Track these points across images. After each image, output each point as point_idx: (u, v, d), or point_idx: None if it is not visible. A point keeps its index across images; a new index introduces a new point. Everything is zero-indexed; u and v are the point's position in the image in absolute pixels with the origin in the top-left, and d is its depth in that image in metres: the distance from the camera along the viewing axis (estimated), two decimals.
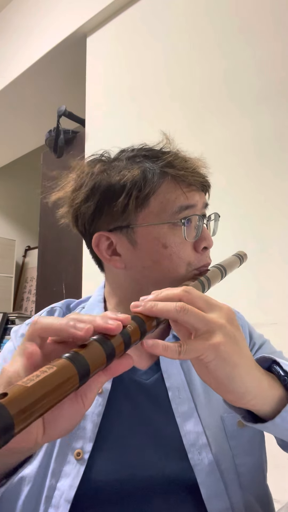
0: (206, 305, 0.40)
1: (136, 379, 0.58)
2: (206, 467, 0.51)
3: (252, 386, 0.40)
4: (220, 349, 0.38)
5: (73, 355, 0.31)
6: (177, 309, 0.38)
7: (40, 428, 0.34)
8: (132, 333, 0.36)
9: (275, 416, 0.42)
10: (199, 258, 0.57)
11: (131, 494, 0.50)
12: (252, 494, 0.54)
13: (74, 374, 0.30)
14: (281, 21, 1.28)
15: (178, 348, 0.36)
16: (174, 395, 0.56)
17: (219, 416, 0.56)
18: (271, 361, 0.48)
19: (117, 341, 0.34)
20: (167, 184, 0.56)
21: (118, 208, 0.56)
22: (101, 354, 0.33)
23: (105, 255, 0.59)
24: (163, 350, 0.36)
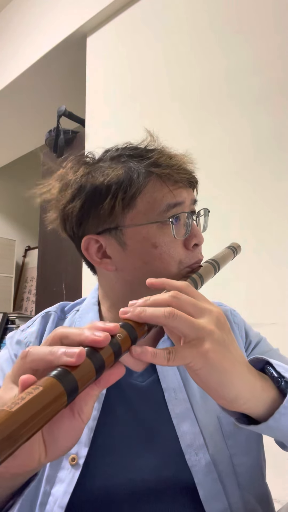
0: (196, 310, 0.40)
1: (132, 382, 0.57)
2: (203, 467, 0.51)
3: (244, 391, 0.40)
4: (208, 356, 0.37)
5: (60, 372, 0.30)
6: (165, 315, 0.37)
7: (42, 450, 0.34)
8: (123, 342, 0.36)
9: (268, 418, 0.41)
10: (191, 256, 0.56)
11: (127, 498, 0.50)
12: (251, 493, 0.54)
13: (61, 393, 0.29)
14: (281, 21, 1.28)
15: (167, 355, 0.36)
16: (170, 396, 0.55)
17: (216, 416, 0.55)
18: (264, 362, 0.47)
19: (106, 353, 0.34)
20: (153, 183, 0.55)
21: (105, 210, 0.55)
22: (90, 368, 0.32)
23: (95, 258, 0.58)
24: (151, 357, 0.36)
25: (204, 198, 0.66)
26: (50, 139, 2.06)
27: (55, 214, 0.61)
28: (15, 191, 3.90)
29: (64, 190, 0.58)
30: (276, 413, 0.41)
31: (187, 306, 0.39)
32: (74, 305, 0.69)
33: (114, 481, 0.50)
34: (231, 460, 0.54)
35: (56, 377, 0.30)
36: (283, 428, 0.42)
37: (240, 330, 0.66)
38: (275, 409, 0.42)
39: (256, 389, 0.41)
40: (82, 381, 0.31)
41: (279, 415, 0.41)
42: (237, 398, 0.39)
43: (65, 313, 0.67)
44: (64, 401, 0.30)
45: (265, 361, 0.47)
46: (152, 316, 0.38)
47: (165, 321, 0.37)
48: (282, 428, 0.42)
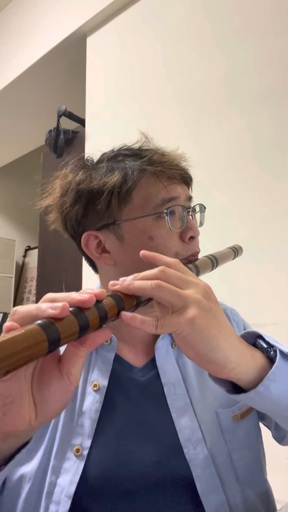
0: (182, 282, 0.41)
1: (132, 377, 0.58)
2: (201, 462, 0.52)
3: (232, 355, 0.41)
4: (195, 322, 0.38)
5: (45, 322, 0.32)
6: (152, 286, 0.39)
7: (32, 410, 0.35)
8: (109, 309, 0.37)
9: (257, 385, 0.42)
10: (187, 248, 0.58)
11: (129, 489, 0.51)
12: (250, 488, 0.55)
13: (43, 339, 0.30)
14: (280, 21, 1.28)
15: (156, 322, 0.38)
16: (170, 391, 0.56)
17: (214, 411, 0.56)
18: (256, 336, 0.48)
19: (92, 314, 0.35)
20: (148, 179, 0.57)
21: (102, 206, 0.57)
22: (74, 323, 0.33)
23: (95, 253, 0.60)
24: (140, 323, 0.37)
25: (204, 198, 0.66)
26: (50, 139, 2.06)
27: (56, 215, 0.63)
28: (15, 191, 3.91)
29: (65, 195, 0.61)
30: (265, 380, 0.41)
31: (173, 279, 0.41)
32: None
33: (115, 473, 0.51)
34: (229, 455, 0.54)
35: (40, 325, 0.31)
36: (272, 396, 0.42)
37: (239, 327, 0.67)
38: (264, 376, 0.42)
39: (245, 356, 0.42)
40: (65, 334, 0.32)
41: (268, 381, 0.41)
42: (225, 363, 0.40)
43: None
44: (44, 348, 0.30)
45: (256, 335, 0.48)
46: (140, 288, 0.39)
47: (152, 292, 0.39)
48: (271, 396, 0.42)
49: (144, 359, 0.61)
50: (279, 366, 0.42)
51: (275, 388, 0.42)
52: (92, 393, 0.56)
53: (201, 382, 0.58)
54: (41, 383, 0.36)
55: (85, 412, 0.55)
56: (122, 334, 0.61)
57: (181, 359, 0.60)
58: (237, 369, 0.41)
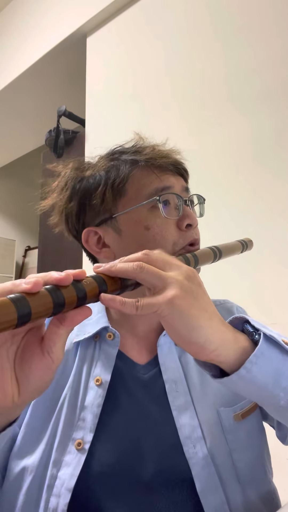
0: (165, 265, 0.41)
1: (135, 374, 0.58)
2: (200, 460, 0.51)
3: (213, 335, 0.40)
4: (174, 302, 0.38)
5: (17, 296, 0.32)
6: (134, 267, 0.39)
7: (15, 387, 0.36)
8: (89, 289, 0.37)
9: (240, 368, 0.41)
10: (185, 236, 0.58)
11: (129, 484, 0.51)
12: (252, 489, 0.54)
13: (11, 311, 0.31)
14: (281, 21, 1.28)
15: (136, 303, 0.38)
16: (171, 388, 0.56)
17: (216, 410, 0.56)
18: (243, 321, 0.47)
19: (68, 292, 0.35)
20: (140, 170, 0.58)
21: (97, 201, 0.58)
22: (48, 300, 0.33)
23: (95, 249, 0.61)
24: (120, 305, 0.37)
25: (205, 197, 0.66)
26: (50, 139, 2.06)
27: (58, 217, 0.65)
28: (15, 191, 3.90)
29: (60, 193, 0.63)
30: (247, 362, 0.41)
31: (157, 261, 0.41)
32: None
33: (115, 468, 0.51)
34: (230, 454, 0.54)
35: (11, 298, 0.31)
36: (255, 380, 0.41)
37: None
38: (247, 359, 0.41)
39: (227, 337, 0.41)
40: (36, 309, 0.32)
41: (250, 364, 0.41)
42: (205, 343, 0.40)
43: None
44: (13, 320, 0.31)
45: (244, 320, 0.47)
46: (122, 269, 0.39)
47: (133, 274, 0.39)
48: (254, 379, 0.41)
49: (147, 356, 0.61)
50: (262, 349, 0.41)
51: (258, 371, 0.41)
52: (94, 387, 0.56)
53: (203, 380, 0.58)
54: (24, 360, 0.37)
55: (87, 407, 0.55)
56: (125, 330, 0.61)
57: (183, 357, 0.60)
58: (218, 350, 0.40)
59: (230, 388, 0.44)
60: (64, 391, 0.57)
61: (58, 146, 1.98)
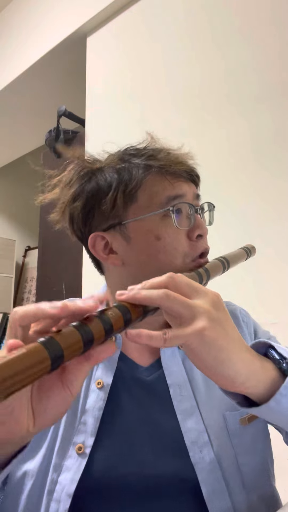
0: (191, 291, 0.40)
1: (137, 376, 0.58)
2: (207, 465, 0.51)
3: (243, 368, 0.39)
4: (204, 334, 0.37)
5: (47, 339, 0.31)
6: (160, 295, 0.37)
7: (31, 418, 0.35)
8: (115, 321, 0.36)
9: (269, 399, 0.41)
10: (195, 247, 0.56)
11: (131, 490, 0.50)
12: (256, 494, 0.54)
13: (44, 357, 0.30)
14: (281, 21, 1.28)
15: (163, 336, 0.36)
16: (175, 393, 0.55)
17: (221, 414, 0.55)
18: (267, 346, 0.47)
19: (96, 327, 0.34)
20: (153, 177, 0.56)
21: (107, 206, 0.56)
22: (77, 338, 0.32)
23: (102, 254, 0.59)
24: (147, 339, 0.36)
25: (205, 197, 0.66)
26: (50, 139, 2.06)
27: (59, 215, 0.62)
28: (15, 191, 3.90)
29: (66, 190, 0.59)
30: (277, 394, 0.40)
31: (183, 287, 0.40)
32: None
33: (117, 472, 0.50)
34: (236, 459, 0.53)
35: (42, 342, 0.30)
36: (283, 410, 0.41)
37: (249, 328, 0.66)
38: (275, 390, 0.41)
39: (255, 368, 0.41)
40: (68, 350, 0.31)
41: (280, 396, 0.40)
42: (235, 376, 0.39)
43: None
44: (47, 366, 0.30)
45: (268, 345, 0.47)
46: (147, 297, 0.38)
47: (160, 302, 0.37)
48: (283, 410, 0.41)
49: (150, 359, 0.60)
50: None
51: (287, 402, 0.41)
52: (96, 390, 0.55)
53: (208, 384, 0.57)
54: (41, 391, 0.36)
55: (89, 410, 0.54)
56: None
57: (187, 360, 0.59)
58: (247, 383, 0.40)
59: (256, 415, 0.44)
60: None
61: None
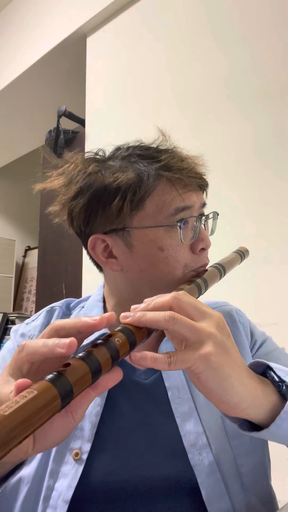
0: (197, 313, 0.40)
1: (135, 379, 0.57)
2: (206, 467, 0.51)
3: (246, 395, 0.39)
4: (210, 360, 0.37)
5: (55, 376, 0.30)
6: (166, 318, 0.37)
7: (31, 443, 0.35)
8: (121, 346, 0.36)
9: (270, 424, 0.41)
10: (196, 260, 0.56)
11: (129, 495, 0.50)
12: (255, 495, 0.54)
13: (55, 396, 0.29)
14: (281, 21, 1.28)
15: (168, 359, 0.36)
16: (174, 395, 0.55)
17: (220, 416, 0.55)
18: (265, 366, 0.47)
19: (103, 357, 0.34)
20: (163, 186, 0.55)
21: (113, 211, 0.55)
22: (86, 371, 0.32)
23: (101, 258, 0.58)
24: (151, 362, 0.36)
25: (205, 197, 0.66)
26: (50, 139, 2.06)
27: (59, 208, 0.61)
28: (15, 191, 3.90)
29: (68, 185, 0.58)
30: (278, 419, 0.41)
31: (188, 308, 0.39)
32: (79, 302, 0.69)
33: (116, 477, 0.50)
34: (235, 460, 0.53)
35: (51, 380, 0.30)
36: (285, 433, 0.42)
37: (245, 329, 0.66)
38: (276, 414, 0.41)
39: (257, 394, 0.41)
40: (77, 385, 0.31)
41: (281, 420, 0.41)
42: (238, 403, 0.39)
43: (70, 309, 0.67)
44: (58, 404, 0.30)
45: (266, 365, 0.47)
46: (153, 320, 0.38)
47: (165, 325, 0.37)
48: (284, 433, 0.42)
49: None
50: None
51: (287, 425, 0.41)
52: None
53: None
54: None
55: (86, 416, 0.54)
56: None
57: None
58: (249, 408, 0.40)
59: (257, 437, 0.44)
60: None
61: (58, 146, 1.98)
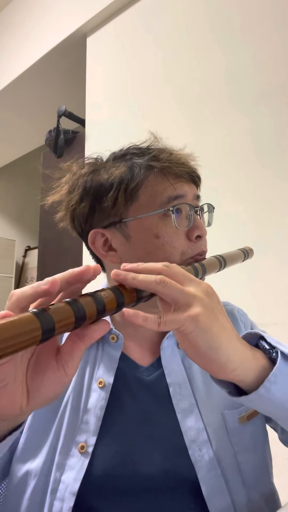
0: (185, 279, 0.41)
1: (137, 376, 0.58)
2: (206, 463, 0.51)
3: (234, 355, 0.40)
4: (198, 320, 0.38)
5: (40, 310, 0.31)
6: (156, 281, 0.38)
7: (25, 396, 0.35)
8: (108, 302, 0.36)
9: (259, 387, 0.41)
10: (193, 247, 0.58)
11: (133, 488, 0.51)
12: (257, 491, 0.54)
13: (36, 327, 0.30)
14: (281, 21, 1.28)
15: (158, 319, 0.37)
16: (175, 392, 0.56)
17: (220, 413, 0.56)
18: (258, 337, 0.48)
19: (88, 305, 0.35)
20: (155, 177, 0.57)
21: (108, 204, 0.57)
22: (70, 313, 0.33)
23: (101, 251, 0.60)
24: (143, 320, 0.37)
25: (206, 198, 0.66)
26: (50, 139, 2.06)
27: (64, 213, 0.63)
28: (15, 191, 3.90)
29: (72, 192, 0.60)
30: (266, 381, 0.41)
31: (177, 275, 0.41)
32: None
33: (119, 471, 0.51)
34: (235, 457, 0.54)
35: (34, 313, 0.31)
36: (273, 398, 0.42)
37: (247, 328, 0.67)
38: (265, 378, 0.42)
39: (246, 356, 0.42)
40: (60, 324, 0.32)
41: (269, 383, 0.41)
42: (227, 363, 0.40)
43: None
44: (38, 336, 0.30)
45: (259, 336, 0.48)
46: (144, 282, 0.39)
47: (156, 287, 0.38)
48: (273, 398, 0.42)
49: (150, 358, 0.60)
50: (280, 368, 0.42)
51: (277, 390, 0.41)
52: (97, 390, 0.56)
53: (207, 383, 0.58)
54: (37, 371, 0.36)
55: (90, 409, 0.54)
56: (128, 332, 0.61)
57: (186, 359, 0.59)
58: (238, 370, 0.41)
59: (247, 405, 0.45)
60: (67, 393, 0.56)
61: (58, 146, 1.98)
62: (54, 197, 0.63)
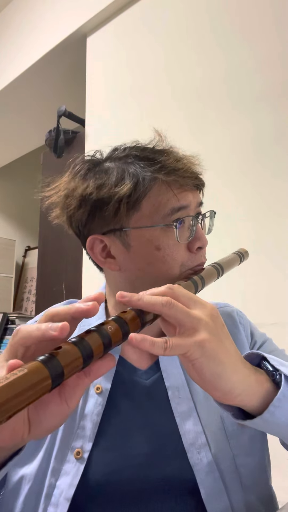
0: (190, 302, 0.41)
1: (136, 379, 0.58)
2: (205, 466, 0.51)
3: (239, 382, 0.40)
4: (205, 346, 0.38)
5: (47, 357, 0.31)
6: (162, 303, 0.38)
7: (26, 428, 0.35)
8: (113, 334, 0.36)
9: (263, 412, 0.41)
10: (193, 258, 0.57)
11: (130, 493, 0.50)
12: (255, 494, 0.54)
13: (45, 376, 0.30)
14: (281, 21, 1.28)
15: (164, 344, 0.36)
16: (174, 395, 0.56)
17: (219, 416, 0.56)
18: (260, 357, 0.47)
19: (95, 342, 0.34)
20: (159, 187, 0.55)
21: (110, 212, 0.55)
22: (77, 355, 0.33)
23: (100, 258, 0.59)
24: (150, 345, 0.36)
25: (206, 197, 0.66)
26: (50, 139, 2.06)
27: (60, 211, 0.62)
28: (15, 191, 3.90)
29: (70, 196, 0.59)
30: (271, 406, 0.41)
31: (181, 298, 0.40)
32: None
33: (116, 477, 0.50)
34: (234, 460, 0.54)
35: (42, 361, 0.30)
36: (278, 422, 0.42)
37: (246, 330, 0.66)
38: (269, 402, 0.41)
39: (250, 382, 0.41)
40: (68, 368, 0.32)
41: (274, 408, 0.41)
42: (231, 390, 0.40)
43: None
44: (48, 385, 0.30)
45: (261, 357, 0.47)
46: (150, 303, 0.38)
47: (161, 309, 0.38)
48: (278, 421, 0.42)
49: (148, 362, 0.60)
50: (284, 392, 0.42)
51: (281, 414, 0.41)
52: (94, 395, 0.56)
53: None
54: (39, 403, 0.36)
55: (87, 415, 0.54)
56: None
57: None
58: (242, 395, 0.40)
59: (252, 427, 0.44)
60: None
61: (58, 146, 1.98)
62: (52, 199, 0.62)
